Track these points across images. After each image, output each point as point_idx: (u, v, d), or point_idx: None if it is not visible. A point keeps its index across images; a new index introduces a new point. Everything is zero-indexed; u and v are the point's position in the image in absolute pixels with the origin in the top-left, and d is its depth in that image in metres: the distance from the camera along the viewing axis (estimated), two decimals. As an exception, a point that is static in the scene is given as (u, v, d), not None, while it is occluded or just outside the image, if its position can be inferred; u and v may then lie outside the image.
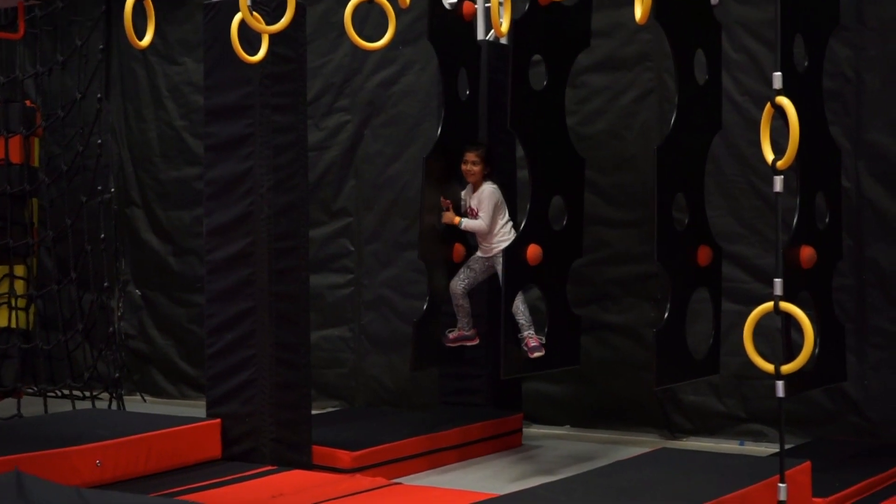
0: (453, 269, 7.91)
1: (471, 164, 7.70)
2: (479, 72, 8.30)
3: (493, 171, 7.78)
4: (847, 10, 7.48)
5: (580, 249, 7.75)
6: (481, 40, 8.40)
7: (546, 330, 7.48)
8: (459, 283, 7.78)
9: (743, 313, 4.68)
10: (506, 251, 7.28)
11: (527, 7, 7.23)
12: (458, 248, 7.94)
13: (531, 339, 7.36)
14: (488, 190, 7.64)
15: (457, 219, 7.68)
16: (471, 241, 7.98)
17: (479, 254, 7.77)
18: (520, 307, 7.40)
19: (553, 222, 7.58)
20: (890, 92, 7.66)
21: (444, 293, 7.87)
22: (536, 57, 7.46)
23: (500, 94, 8.45)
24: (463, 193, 7.85)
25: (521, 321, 7.39)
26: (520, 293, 7.44)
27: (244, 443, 7.05)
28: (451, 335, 7.91)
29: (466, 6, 8.04)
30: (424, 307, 7.76)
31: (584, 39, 7.73)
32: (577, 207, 7.72)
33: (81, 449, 6.50)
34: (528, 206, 7.35)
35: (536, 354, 7.37)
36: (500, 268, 7.48)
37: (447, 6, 8.36)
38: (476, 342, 8.01)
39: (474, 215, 7.66)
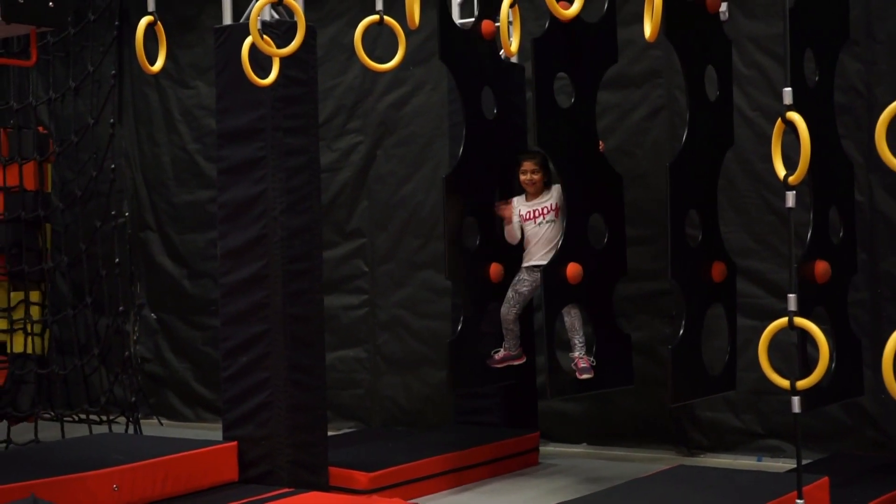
0: (487, 288, 7.87)
1: (530, 173, 7.58)
2: (504, 90, 8.28)
3: (550, 178, 7.67)
4: (857, 24, 7.49)
5: (624, 267, 7.66)
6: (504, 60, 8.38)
7: (594, 350, 7.43)
8: (511, 311, 7.62)
9: (758, 329, 4.67)
10: (545, 270, 7.21)
11: (547, 25, 7.23)
12: (496, 268, 7.89)
13: (581, 360, 7.31)
14: (559, 191, 7.50)
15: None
16: (511, 256, 7.98)
17: (526, 266, 7.57)
18: (576, 326, 7.35)
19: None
20: (901, 105, 7.64)
21: (478, 312, 7.82)
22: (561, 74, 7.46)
23: (516, 114, 8.45)
24: (515, 202, 7.68)
25: (575, 341, 7.34)
26: (578, 313, 7.40)
27: (261, 465, 7.05)
28: (496, 356, 7.76)
29: (485, 25, 8.02)
30: (459, 327, 7.69)
31: (611, 56, 7.71)
32: (617, 225, 7.64)
33: (98, 474, 6.50)
34: (565, 225, 7.33)
35: (585, 376, 7.30)
36: None
37: (459, 25, 8.38)
38: (523, 360, 7.88)
39: (543, 216, 7.54)
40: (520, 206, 7.66)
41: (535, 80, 7.21)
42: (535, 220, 7.57)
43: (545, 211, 7.55)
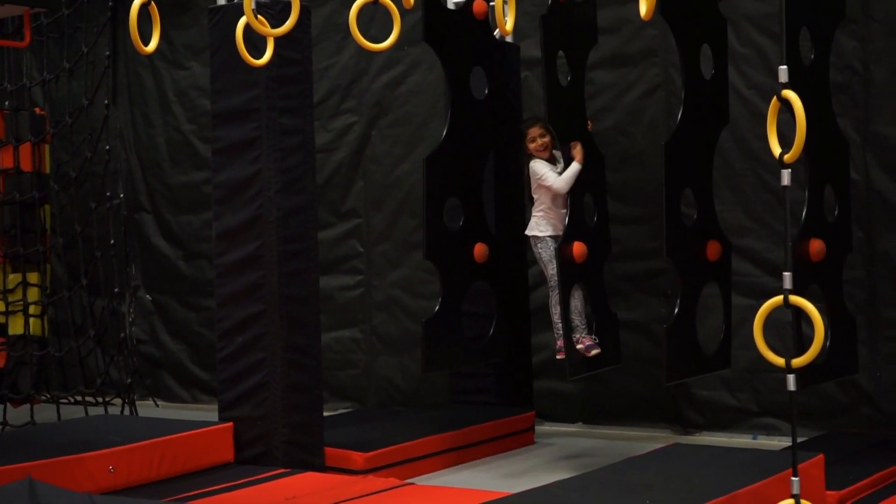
0: (471, 269, 7.86)
1: (539, 137, 7.47)
2: (498, 70, 8.25)
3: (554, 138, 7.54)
4: (853, 2, 7.47)
5: (610, 246, 7.71)
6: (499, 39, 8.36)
7: (594, 329, 7.45)
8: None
9: (753, 307, 4.67)
10: (557, 250, 7.20)
11: (549, 3, 7.22)
12: (481, 248, 7.89)
13: (585, 339, 7.33)
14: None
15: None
16: (496, 236, 7.94)
17: (553, 235, 7.39)
18: (578, 307, 7.36)
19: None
20: (897, 83, 7.65)
21: (459, 292, 7.81)
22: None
23: (510, 93, 8.44)
24: (539, 165, 7.44)
25: (577, 322, 7.35)
26: (580, 293, 7.39)
27: (257, 446, 7.07)
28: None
29: (477, 4, 7.99)
30: (437, 307, 7.70)
31: (593, 36, 7.72)
32: (603, 204, 7.69)
33: (94, 455, 6.52)
34: (568, 207, 7.31)
35: (594, 352, 7.34)
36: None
37: (452, 6, 8.35)
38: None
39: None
40: (544, 171, 7.42)
41: (543, 58, 7.21)
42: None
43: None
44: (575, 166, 7.29)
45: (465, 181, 7.89)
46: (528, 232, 7.53)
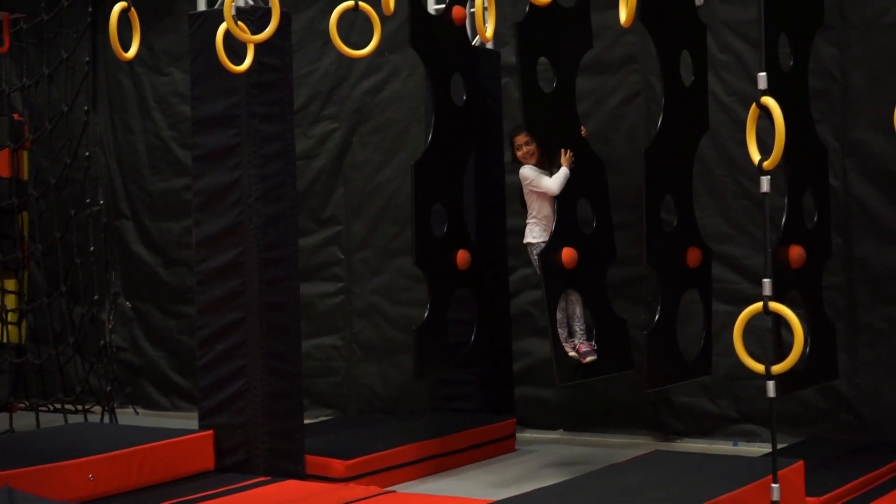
0: (455, 275, 7.86)
1: (524, 144, 7.45)
2: (477, 77, 8.26)
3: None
4: (831, 8, 7.50)
5: (614, 252, 7.66)
6: (479, 46, 8.37)
7: (594, 335, 7.42)
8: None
9: (733, 314, 4.69)
10: (541, 256, 7.19)
11: (527, 9, 7.22)
12: (463, 255, 7.89)
13: (583, 345, 7.30)
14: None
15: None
16: (478, 243, 7.94)
17: (536, 238, 7.38)
18: (577, 312, 7.34)
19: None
20: (875, 90, 7.68)
21: (445, 299, 7.80)
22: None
23: (491, 99, 8.45)
24: (527, 170, 7.41)
25: (576, 327, 7.33)
26: (580, 299, 7.37)
27: (237, 454, 7.04)
28: (577, 354, 7.35)
29: (456, 11, 8.00)
30: (425, 314, 7.68)
31: (587, 41, 7.71)
32: (604, 210, 7.64)
33: (74, 463, 6.48)
34: (557, 210, 7.31)
35: (589, 359, 7.29)
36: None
37: (432, 12, 8.36)
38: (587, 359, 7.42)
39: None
40: (535, 176, 7.40)
41: (519, 65, 7.19)
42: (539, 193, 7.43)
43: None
44: (564, 170, 7.29)
45: (449, 187, 7.88)
46: (525, 240, 7.52)
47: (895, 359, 7.61)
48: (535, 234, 7.39)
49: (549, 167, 7.39)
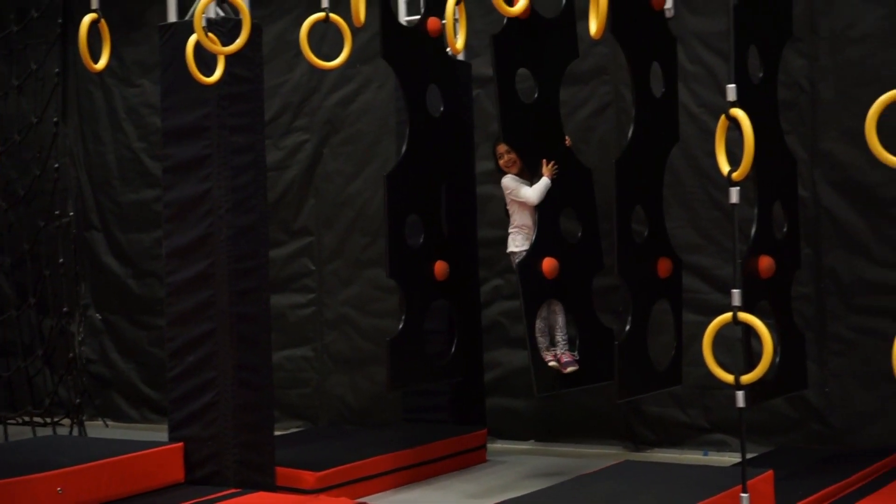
0: (432, 286, 7.85)
1: (506, 153, 7.45)
2: (453, 88, 8.27)
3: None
4: (800, 20, 7.56)
5: (601, 261, 7.66)
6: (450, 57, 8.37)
7: (577, 345, 7.42)
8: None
9: (704, 324, 4.70)
10: (520, 266, 7.19)
11: (504, 21, 7.24)
12: (441, 266, 7.88)
13: (564, 355, 7.30)
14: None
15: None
16: (456, 254, 7.96)
17: (518, 247, 7.39)
18: (560, 322, 7.35)
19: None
20: (843, 101, 7.73)
21: (421, 310, 7.79)
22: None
23: (464, 111, 8.45)
24: (508, 180, 7.44)
25: (559, 338, 7.33)
26: (561, 309, 7.38)
27: (207, 466, 7.01)
28: (558, 364, 7.35)
29: (431, 22, 8.00)
30: (400, 326, 7.66)
31: (572, 50, 7.73)
32: (590, 219, 7.66)
33: (42, 476, 6.43)
34: (538, 220, 7.32)
35: (570, 369, 7.30)
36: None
37: (404, 23, 8.36)
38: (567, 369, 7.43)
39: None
40: (517, 186, 7.42)
41: (496, 77, 7.21)
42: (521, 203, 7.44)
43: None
44: (545, 180, 7.31)
45: (424, 198, 7.88)
46: (507, 249, 7.52)
47: (864, 368, 7.65)
48: (518, 242, 7.40)
49: (531, 177, 7.41)
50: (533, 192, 7.31)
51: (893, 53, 7.64)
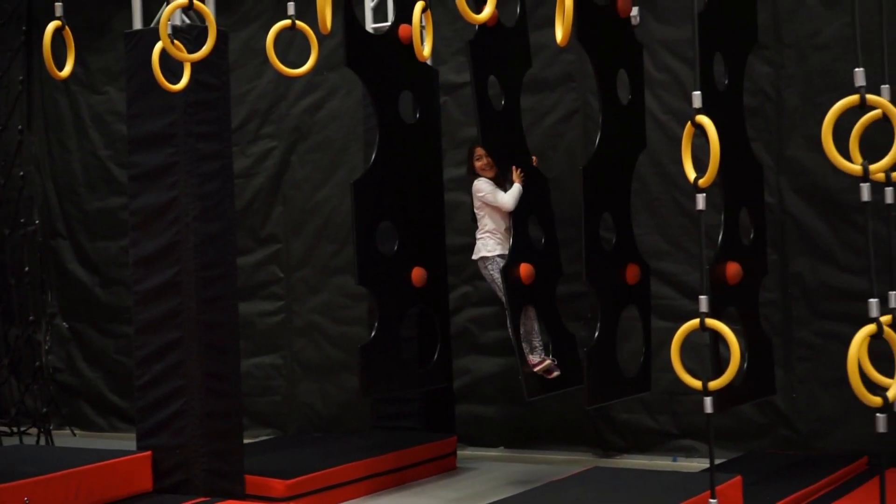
0: (408, 293, 7.85)
1: (484, 156, 7.45)
2: (429, 94, 8.27)
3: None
4: (765, 28, 7.61)
5: (561, 268, 7.70)
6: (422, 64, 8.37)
7: (551, 350, 7.43)
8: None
9: (672, 330, 4.71)
10: (503, 271, 7.20)
11: (477, 28, 7.25)
12: (418, 272, 7.88)
13: (546, 360, 7.30)
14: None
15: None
16: (432, 260, 7.97)
17: (501, 254, 7.37)
18: (535, 328, 7.34)
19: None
20: (808, 108, 7.78)
21: (395, 317, 7.77)
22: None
23: (433, 117, 8.44)
24: (483, 183, 7.43)
25: (535, 343, 7.32)
26: (534, 314, 7.38)
27: (176, 475, 6.98)
28: (542, 369, 7.34)
29: (403, 29, 7.99)
30: (372, 333, 7.63)
31: (526, 60, 7.76)
32: (550, 226, 7.69)
33: (9, 486, 6.39)
34: (513, 226, 7.32)
35: (555, 374, 7.32)
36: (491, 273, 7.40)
37: (370, 30, 8.35)
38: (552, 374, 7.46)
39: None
40: (492, 189, 7.42)
41: (473, 84, 7.22)
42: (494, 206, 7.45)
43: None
44: (517, 186, 7.32)
45: (392, 205, 7.86)
46: (475, 255, 7.49)
47: (831, 373, 7.69)
48: (490, 247, 7.38)
49: (504, 183, 7.42)
50: (509, 198, 7.32)
51: (857, 60, 7.68)
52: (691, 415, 8.16)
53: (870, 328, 4.06)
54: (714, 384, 4.55)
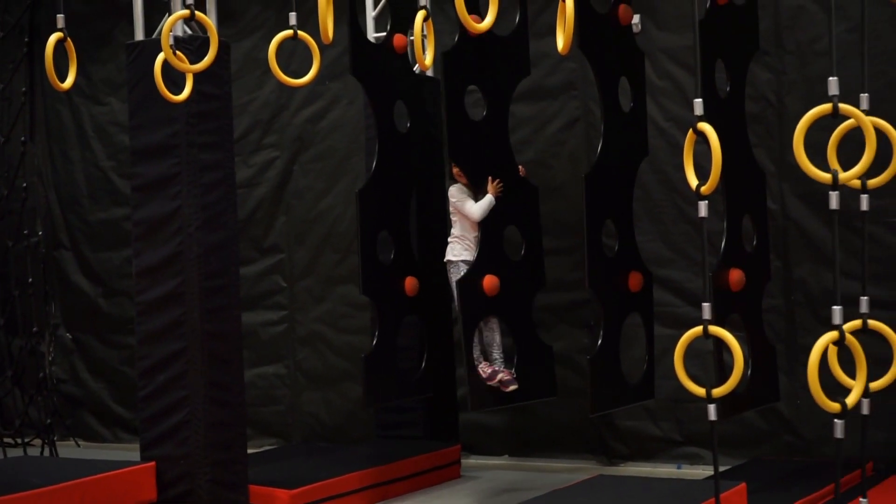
0: (403, 302, 7.84)
1: None
2: (420, 104, 8.28)
3: None
4: (766, 35, 7.61)
5: (542, 279, 7.65)
6: (419, 74, 8.38)
7: (515, 362, 7.38)
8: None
9: (675, 337, 4.71)
10: (459, 283, 7.15)
11: (456, 38, 7.24)
12: (411, 282, 7.88)
13: (503, 372, 7.22)
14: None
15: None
16: (426, 270, 7.96)
17: (466, 259, 7.29)
18: (496, 339, 7.29)
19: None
20: (811, 114, 7.76)
21: (394, 326, 7.77)
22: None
23: (432, 127, 8.46)
24: (455, 189, 7.35)
25: (495, 355, 7.27)
26: (497, 326, 7.34)
27: (180, 485, 6.98)
28: (497, 382, 7.26)
29: (397, 39, 8.01)
30: (374, 342, 7.64)
31: (523, 68, 7.73)
32: (534, 237, 7.64)
33: (13, 498, 6.39)
34: (479, 237, 7.28)
35: (511, 388, 7.24)
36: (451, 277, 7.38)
37: (373, 40, 8.37)
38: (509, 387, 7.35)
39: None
40: (467, 195, 7.36)
41: (445, 93, 7.21)
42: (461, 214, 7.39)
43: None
44: (489, 198, 7.29)
45: (394, 214, 7.88)
46: (445, 258, 7.48)
47: (835, 380, 7.66)
48: (456, 252, 7.33)
49: (476, 192, 7.37)
50: (477, 209, 7.26)
51: (857, 67, 7.67)
52: (695, 422, 8.15)
53: (832, 335, 4.08)
54: (718, 391, 4.55)
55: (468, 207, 7.28)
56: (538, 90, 8.63)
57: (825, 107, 4.14)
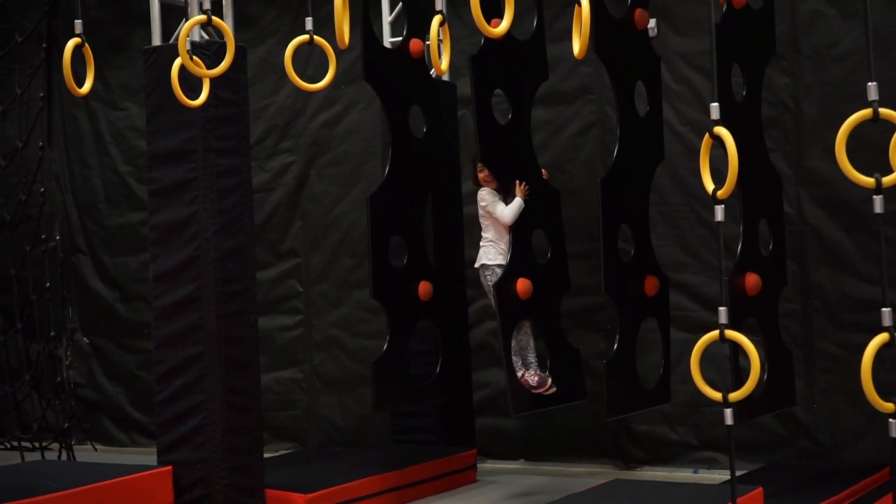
0: (416, 306, 7.85)
1: (487, 168, 7.40)
2: (435, 109, 8.28)
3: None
4: (783, 39, 7.59)
5: (568, 281, 7.65)
6: (435, 78, 8.38)
7: (549, 365, 7.39)
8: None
9: (691, 342, 4.71)
10: (496, 286, 7.15)
11: (482, 42, 7.25)
12: (425, 286, 7.88)
13: (540, 375, 7.23)
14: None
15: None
16: (439, 274, 7.97)
17: (491, 261, 7.31)
18: (531, 343, 7.29)
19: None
20: (827, 118, 7.75)
21: (406, 331, 7.78)
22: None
23: (447, 131, 8.47)
24: (485, 193, 7.36)
25: (531, 358, 7.28)
26: (529, 329, 7.35)
27: (196, 489, 7.00)
28: (534, 384, 7.25)
29: (413, 43, 8.02)
30: (384, 347, 7.66)
31: (542, 72, 7.74)
32: (558, 240, 7.65)
33: (31, 502, 6.41)
34: (511, 241, 7.29)
35: (552, 391, 7.25)
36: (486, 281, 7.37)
37: (387, 45, 8.38)
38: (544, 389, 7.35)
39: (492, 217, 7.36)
40: (494, 200, 7.35)
41: (474, 97, 7.20)
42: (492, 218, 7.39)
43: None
44: (518, 201, 7.29)
45: (408, 219, 7.89)
46: (476, 263, 7.47)
47: (852, 385, 7.62)
48: (490, 256, 7.34)
49: (505, 195, 7.39)
50: (508, 212, 7.26)
51: (878, 71, 7.66)
52: (712, 426, 8.14)
53: (882, 337, 4.07)
54: (734, 396, 4.54)
55: (499, 211, 7.28)
56: (554, 94, 8.63)
57: (865, 112, 4.14)
